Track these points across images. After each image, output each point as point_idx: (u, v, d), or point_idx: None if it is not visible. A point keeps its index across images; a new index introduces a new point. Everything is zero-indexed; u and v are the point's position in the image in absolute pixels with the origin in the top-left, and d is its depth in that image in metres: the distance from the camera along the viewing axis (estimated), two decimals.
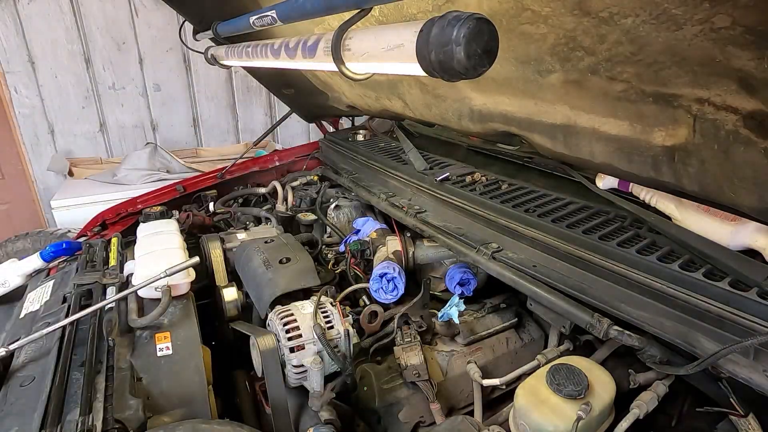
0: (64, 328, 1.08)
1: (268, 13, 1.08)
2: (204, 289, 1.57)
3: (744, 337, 0.82)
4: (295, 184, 2.30)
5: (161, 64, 4.18)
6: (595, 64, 0.90)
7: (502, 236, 1.30)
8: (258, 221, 2.07)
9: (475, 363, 1.25)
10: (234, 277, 1.59)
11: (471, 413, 1.20)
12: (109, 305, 1.18)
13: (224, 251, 1.63)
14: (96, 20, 3.87)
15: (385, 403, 1.20)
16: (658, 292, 0.97)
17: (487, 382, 1.15)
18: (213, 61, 1.81)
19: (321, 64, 0.94)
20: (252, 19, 1.20)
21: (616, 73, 0.88)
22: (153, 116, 4.30)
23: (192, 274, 1.32)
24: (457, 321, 1.26)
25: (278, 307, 1.26)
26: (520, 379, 1.08)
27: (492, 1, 0.93)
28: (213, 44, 1.84)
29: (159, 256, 1.37)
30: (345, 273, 1.61)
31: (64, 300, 1.25)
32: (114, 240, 1.56)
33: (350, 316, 1.29)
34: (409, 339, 1.29)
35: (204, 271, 1.60)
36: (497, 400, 1.24)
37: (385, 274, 1.42)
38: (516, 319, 1.39)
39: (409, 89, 1.57)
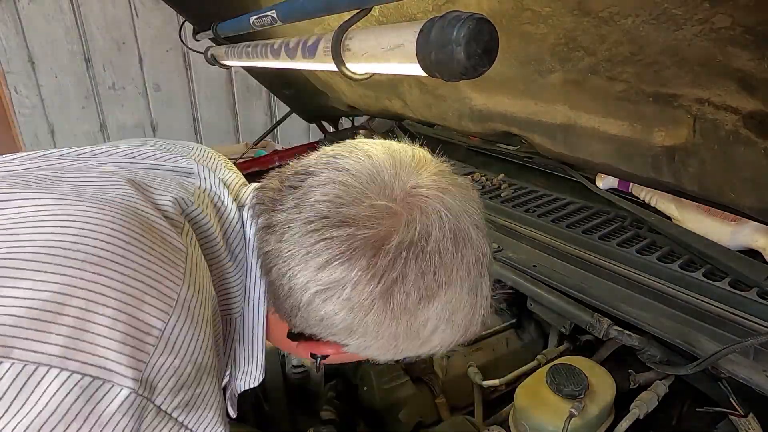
0: None
1: (268, 13, 1.08)
2: None
3: (744, 337, 0.82)
4: None
5: (161, 64, 4.18)
6: (595, 64, 0.90)
7: (502, 236, 1.30)
8: None
9: (475, 365, 1.25)
10: None
11: (471, 413, 1.20)
12: None
13: None
14: (96, 20, 3.87)
15: (385, 403, 1.19)
16: (658, 292, 0.97)
17: (487, 383, 1.15)
18: (213, 61, 1.81)
19: (321, 64, 0.94)
20: (252, 19, 1.20)
21: (616, 73, 0.88)
22: (153, 116, 4.30)
23: None
24: None
25: None
26: (520, 379, 1.08)
27: (492, 1, 0.93)
28: (213, 44, 1.84)
29: None
30: None
31: None
32: None
33: None
34: None
35: None
36: (497, 400, 1.24)
37: None
38: (516, 319, 1.39)
39: (409, 89, 1.57)
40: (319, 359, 0.66)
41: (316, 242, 0.52)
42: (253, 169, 2.47)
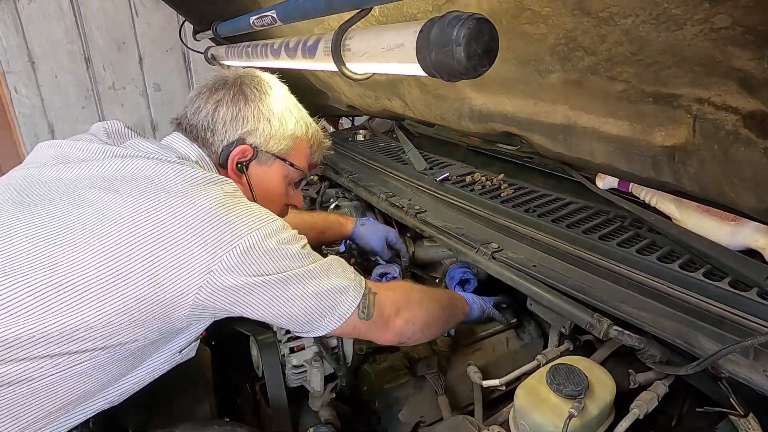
0: None
1: (268, 13, 1.08)
2: None
3: (744, 337, 0.82)
4: None
5: (161, 64, 4.18)
6: (595, 64, 0.90)
7: (502, 236, 1.30)
8: None
9: (475, 364, 1.25)
10: None
11: (471, 413, 1.20)
12: None
13: None
14: (96, 20, 3.87)
15: (385, 403, 1.20)
16: (658, 292, 0.97)
17: (487, 383, 1.15)
18: (213, 61, 1.81)
19: (321, 64, 0.94)
20: (252, 19, 1.20)
21: (616, 73, 0.88)
22: (153, 116, 4.29)
23: None
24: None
25: None
26: (520, 379, 1.08)
27: (492, 1, 0.93)
28: (213, 44, 1.84)
29: None
30: None
31: None
32: None
33: None
34: None
35: None
36: (497, 400, 1.24)
37: (386, 274, 1.42)
38: (516, 319, 1.39)
39: (409, 89, 1.57)
40: (245, 166, 1.04)
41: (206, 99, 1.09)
42: None
